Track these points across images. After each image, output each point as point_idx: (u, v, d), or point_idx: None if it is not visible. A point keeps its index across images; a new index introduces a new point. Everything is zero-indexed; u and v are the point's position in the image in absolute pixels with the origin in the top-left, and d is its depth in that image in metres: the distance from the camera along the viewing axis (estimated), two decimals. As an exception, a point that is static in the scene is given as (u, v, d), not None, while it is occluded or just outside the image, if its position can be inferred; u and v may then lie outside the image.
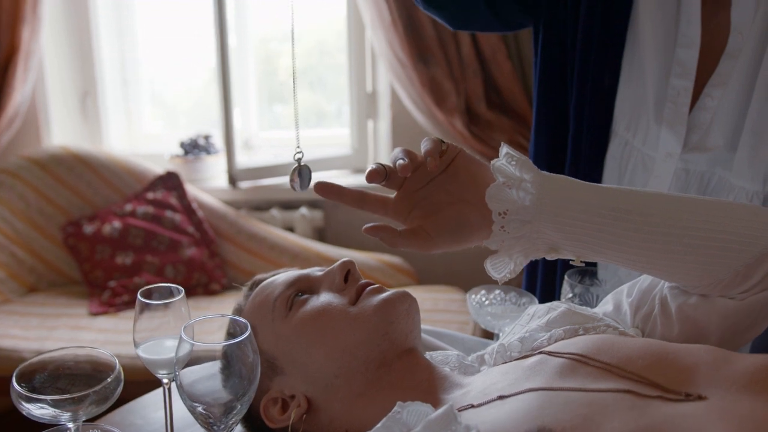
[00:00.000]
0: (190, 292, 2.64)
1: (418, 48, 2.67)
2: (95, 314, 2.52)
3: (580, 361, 0.77)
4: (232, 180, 2.83)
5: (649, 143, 1.15)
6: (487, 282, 1.21)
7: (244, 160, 2.94)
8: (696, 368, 0.73)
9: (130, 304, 2.57)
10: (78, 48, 3.03)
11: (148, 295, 0.90)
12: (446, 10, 1.23)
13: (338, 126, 3.30)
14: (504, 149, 0.83)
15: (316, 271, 1.01)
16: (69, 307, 2.58)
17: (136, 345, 0.90)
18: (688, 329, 0.86)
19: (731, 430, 0.62)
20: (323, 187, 0.88)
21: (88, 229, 2.70)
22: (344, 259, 0.98)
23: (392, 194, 0.90)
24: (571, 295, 1.16)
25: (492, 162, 0.83)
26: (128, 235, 2.68)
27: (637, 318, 0.91)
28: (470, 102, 2.72)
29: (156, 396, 1.14)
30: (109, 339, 2.33)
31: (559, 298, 1.23)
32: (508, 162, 0.83)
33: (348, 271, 0.97)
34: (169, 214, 2.73)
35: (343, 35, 2.98)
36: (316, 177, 2.88)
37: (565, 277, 1.16)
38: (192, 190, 2.83)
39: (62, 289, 2.74)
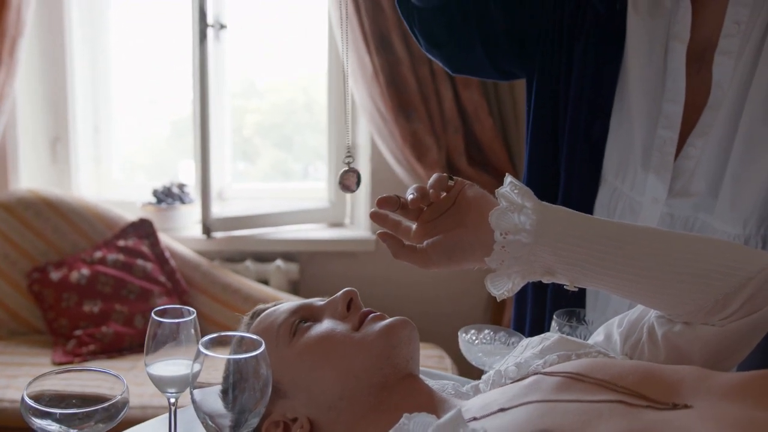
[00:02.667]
0: (160, 344, 2.68)
1: (400, 102, 2.81)
2: (59, 364, 2.54)
3: (575, 379, 0.86)
4: (207, 230, 2.90)
5: (637, 189, 1.26)
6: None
7: (217, 210, 3.02)
8: (681, 383, 0.83)
9: (96, 353, 2.60)
10: (52, 94, 3.12)
11: (161, 316, 0.97)
12: (446, 52, 1.36)
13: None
14: (508, 179, 0.95)
15: (317, 300, 1.10)
16: (31, 356, 2.60)
17: (146, 364, 0.97)
18: (673, 356, 0.96)
19: (715, 429, 0.72)
20: (376, 215, 1.02)
21: (55, 275, 2.74)
22: (347, 288, 1.07)
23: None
24: (558, 333, 1.26)
25: (497, 189, 0.95)
26: (97, 283, 2.72)
27: (626, 346, 1.01)
28: (451, 157, 2.85)
29: (153, 425, 1.20)
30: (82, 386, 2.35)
31: (547, 339, 1.33)
32: (511, 190, 0.94)
33: (350, 300, 1.06)
34: (140, 262, 2.79)
35: (323, 89, 3.12)
36: (289, 229, 2.93)
37: (554, 317, 1.26)
38: (165, 238, 2.90)
39: (24, 338, 2.76)
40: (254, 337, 0.90)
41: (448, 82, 2.79)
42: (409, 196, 0.99)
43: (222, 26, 2.87)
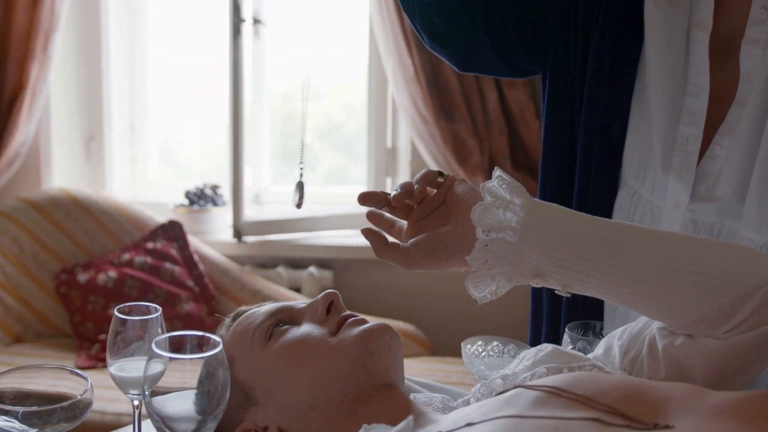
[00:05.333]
0: (185, 351, 2.72)
1: (442, 103, 2.79)
2: (82, 368, 2.60)
3: (554, 393, 0.83)
4: (238, 234, 2.93)
5: (657, 192, 1.22)
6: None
7: (252, 213, 3.04)
8: (668, 402, 0.79)
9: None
10: (87, 90, 3.20)
11: (126, 313, 0.98)
12: (450, 48, 1.33)
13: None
14: (497, 172, 0.93)
15: (299, 303, 1.09)
16: (55, 359, 2.66)
17: (108, 364, 0.98)
18: (674, 371, 0.91)
19: None
20: (372, 214, 1.02)
21: (82, 277, 2.80)
22: (328, 290, 1.06)
23: None
24: (571, 347, 1.22)
25: (482, 184, 0.92)
26: (123, 286, 2.77)
27: (625, 360, 0.97)
28: (494, 161, 2.82)
29: None
30: (95, 395, 2.40)
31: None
32: (499, 184, 0.91)
33: (331, 303, 1.04)
34: (168, 265, 2.83)
35: (364, 89, 3.12)
36: (325, 235, 2.92)
37: (566, 329, 1.22)
38: (194, 241, 2.94)
39: (50, 340, 2.83)
40: (214, 336, 0.89)
41: (492, 82, 2.76)
42: (393, 193, 0.98)
43: (256, 21, 2.90)
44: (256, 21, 2.91)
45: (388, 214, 1.03)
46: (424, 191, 0.98)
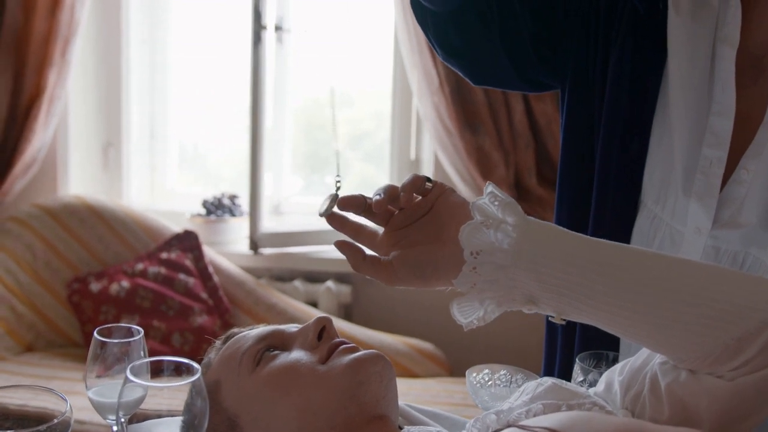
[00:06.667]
0: (197, 365, 2.70)
1: (466, 114, 2.75)
2: (91, 380, 2.59)
3: (549, 436, 0.79)
4: (254, 245, 2.91)
5: (678, 217, 1.17)
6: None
7: (270, 225, 3.02)
8: None
9: (129, 371, 2.64)
10: (105, 97, 3.21)
11: (106, 335, 0.96)
12: (465, 60, 1.30)
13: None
14: (489, 188, 0.88)
15: (291, 327, 1.06)
16: (64, 369, 2.65)
17: (87, 387, 0.95)
18: (678, 412, 0.87)
19: None
20: (332, 218, 0.96)
21: (95, 286, 2.80)
22: (321, 315, 1.03)
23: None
24: (581, 379, 1.17)
25: (472, 201, 0.88)
26: (136, 297, 2.77)
27: (626, 399, 0.92)
28: (520, 175, 2.77)
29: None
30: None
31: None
32: (491, 202, 0.87)
33: (323, 328, 1.01)
34: (182, 276, 2.82)
35: (388, 98, 3.10)
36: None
37: (576, 360, 1.17)
38: (210, 252, 2.92)
39: (60, 350, 2.82)
40: (193, 364, 0.86)
41: (519, 94, 2.71)
42: (375, 198, 0.92)
43: (278, 28, 2.88)
44: (277, 28, 2.89)
45: (353, 218, 0.96)
46: (410, 198, 0.92)
